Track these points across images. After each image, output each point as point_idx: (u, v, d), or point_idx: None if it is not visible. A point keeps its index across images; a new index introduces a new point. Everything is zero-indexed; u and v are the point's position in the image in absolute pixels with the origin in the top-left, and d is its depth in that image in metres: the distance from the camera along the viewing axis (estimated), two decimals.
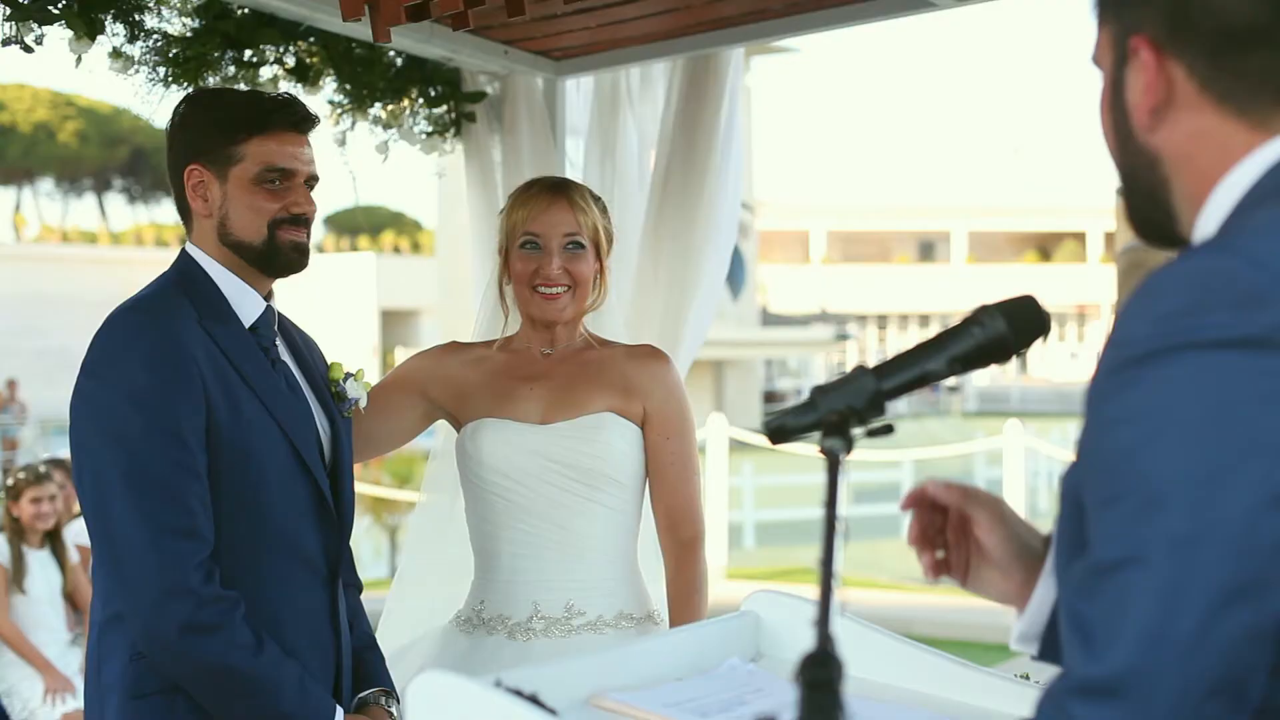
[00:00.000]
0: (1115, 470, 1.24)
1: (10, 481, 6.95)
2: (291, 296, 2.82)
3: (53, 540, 6.87)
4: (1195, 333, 1.22)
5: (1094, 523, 1.26)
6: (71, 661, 6.74)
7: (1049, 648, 1.73)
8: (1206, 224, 1.40)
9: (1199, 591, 1.17)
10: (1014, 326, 1.60)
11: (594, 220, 3.21)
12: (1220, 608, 1.17)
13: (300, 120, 2.86)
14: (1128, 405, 1.24)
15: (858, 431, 1.52)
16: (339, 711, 2.72)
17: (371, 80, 4.23)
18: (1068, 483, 1.39)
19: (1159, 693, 1.17)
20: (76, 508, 7.49)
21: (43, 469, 7.15)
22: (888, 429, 1.54)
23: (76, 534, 7.19)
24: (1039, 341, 1.63)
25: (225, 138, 2.78)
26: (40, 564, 6.79)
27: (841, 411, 1.51)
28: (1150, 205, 1.49)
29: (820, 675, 1.20)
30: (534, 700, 1.51)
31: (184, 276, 2.78)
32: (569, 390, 3.20)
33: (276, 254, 2.80)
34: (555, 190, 3.24)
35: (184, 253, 2.83)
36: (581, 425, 3.15)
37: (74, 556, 6.95)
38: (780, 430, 1.60)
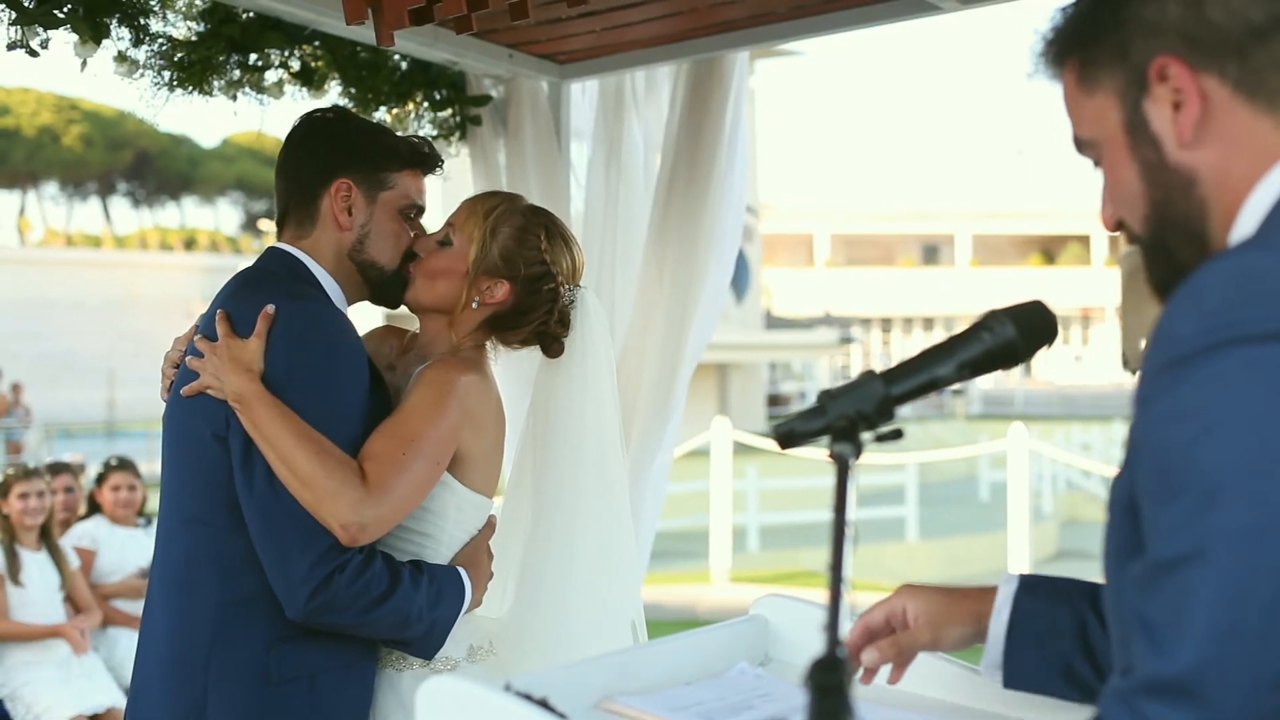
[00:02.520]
0: (1171, 467, 1.25)
1: (1, 478, 6.95)
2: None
3: (48, 541, 6.87)
4: (1241, 327, 1.23)
5: (1152, 521, 1.27)
6: (74, 665, 6.74)
7: (1014, 675, 1.87)
8: (1242, 230, 1.42)
9: (1263, 583, 1.17)
10: (1023, 332, 1.61)
11: (480, 230, 2.94)
12: None
13: (438, 166, 3.01)
14: (1179, 402, 1.25)
15: (867, 436, 1.53)
16: (461, 572, 2.83)
17: (376, 84, 4.23)
18: (1117, 490, 1.41)
19: (1231, 687, 1.17)
20: (82, 508, 7.52)
21: (32, 465, 7.15)
22: (897, 434, 1.55)
23: (78, 536, 7.20)
24: (1046, 347, 1.64)
25: (383, 162, 2.86)
26: (38, 566, 6.78)
27: (850, 417, 1.52)
28: (1186, 242, 1.49)
29: (829, 679, 1.21)
30: (544, 704, 1.51)
31: (300, 279, 2.80)
32: None
33: (400, 284, 2.92)
34: (478, 195, 3.09)
35: (294, 257, 2.82)
36: None
37: (73, 560, 6.95)
38: (789, 435, 1.60)
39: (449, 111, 4.49)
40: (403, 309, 3.02)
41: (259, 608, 2.59)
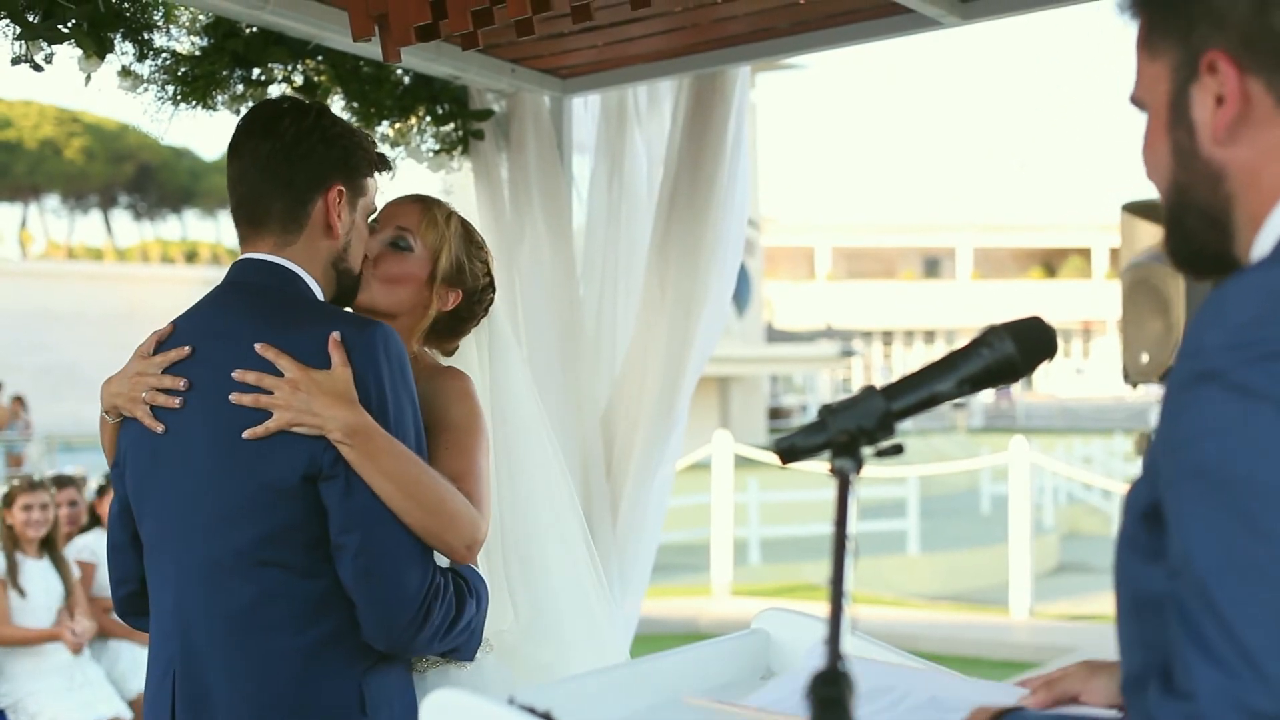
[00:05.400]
0: (1204, 485, 1.24)
1: (6, 489, 6.97)
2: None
3: (52, 552, 6.88)
4: (1268, 344, 1.23)
5: (1187, 536, 1.26)
6: (76, 674, 6.73)
7: None
8: (1266, 240, 1.41)
9: None
10: (1022, 348, 1.61)
11: (444, 239, 2.96)
12: None
13: (391, 168, 2.94)
14: (1208, 419, 1.25)
15: (867, 451, 1.53)
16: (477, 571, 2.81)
17: (379, 98, 4.24)
18: (1133, 497, 1.40)
19: None
20: (85, 520, 7.53)
21: (36, 478, 7.16)
22: (897, 449, 1.55)
23: (79, 549, 7.21)
24: (1045, 363, 1.64)
25: (365, 169, 2.77)
26: (40, 574, 6.79)
27: (851, 432, 1.52)
28: (1206, 226, 1.48)
29: (830, 692, 1.21)
30: (547, 718, 1.51)
31: (304, 297, 2.69)
32: None
33: (360, 289, 2.84)
34: (418, 197, 3.08)
35: (290, 270, 2.67)
36: None
37: (75, 571, 6.95)
38: (791, 451, 1.60)
39: (451, 126, 4.50)
40: None
41: (345, 642, 2.54)
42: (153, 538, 2.66)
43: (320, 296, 2.72)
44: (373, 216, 2.89)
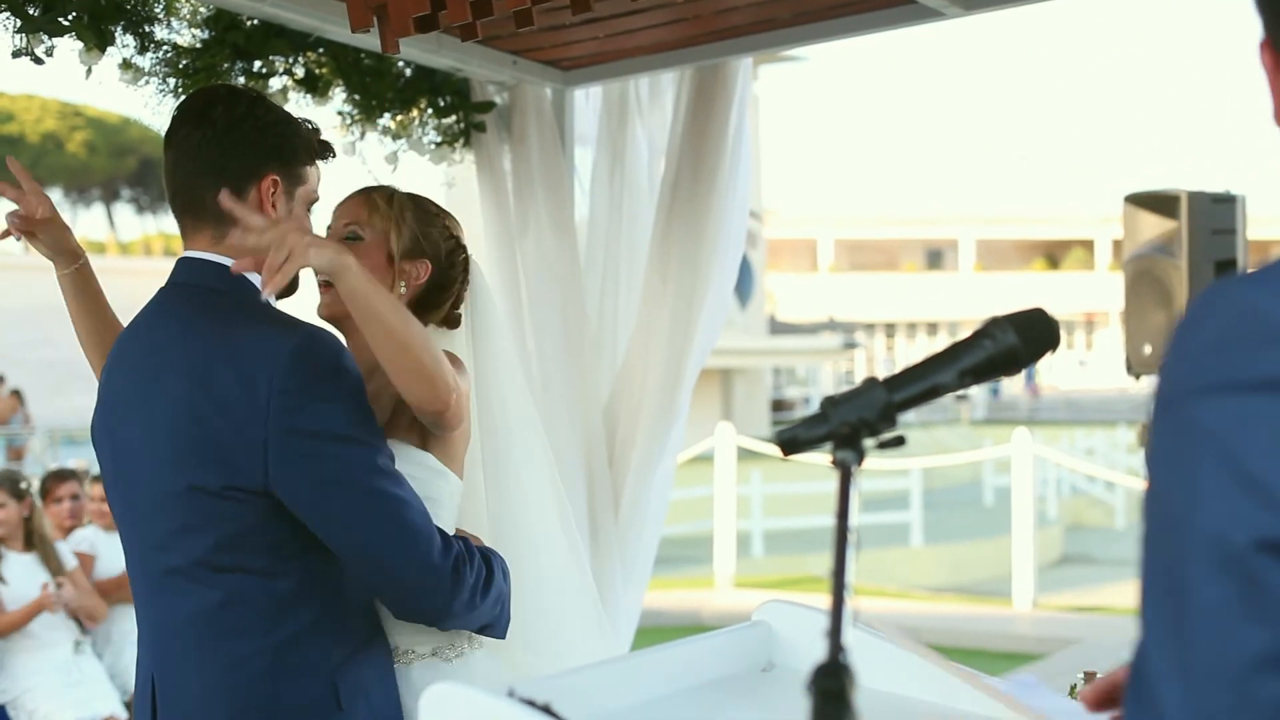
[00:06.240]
0: (1151, 516, 1.19)
1: None
2: (299, 309, 2.76)
3: (40, 546, 6.82)
4: (1220, 372, 1.14)
5: (1140, 563, 1.21)
6: (74, 671, 6.71)
7: None
8: None
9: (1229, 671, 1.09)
10: (1024, 339, 1.60)
11: (388, 219, 2.92)
12: (1253, 675, 1.08)
13: (333, 155, 2.86)
14: (1162, 450, 1.18)
15: (869, 443, 1.52)
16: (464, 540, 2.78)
17: (380, 91, 4.24)
18: None
19: None
20: (86, 518, 7.52)
21: None
22: (899, 441, 1.54)
23: (78, 542, 7.19)
24: (1048, 354, 1.63)
25: (303, 157, 2.71)
26: (23, 567, 6.71)
27: (853, 423, 1.51)
28: None
29: (832, 685, 1.21)
30: (547, 710, 1.51)
31: (246, 292, 2.64)
32: None
33: (296, 280, 2.75)
34: (361, 189, 3.04)
35: (229, 271, 2.59)
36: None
37: (71, 563, 6.90)
38: (792, 442, 1.59)
39: (453, 118, 4.50)
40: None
41: (316, 637, 2.53)
42: (126, 546, 2.69)
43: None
44: (313, 203, 2.81)
